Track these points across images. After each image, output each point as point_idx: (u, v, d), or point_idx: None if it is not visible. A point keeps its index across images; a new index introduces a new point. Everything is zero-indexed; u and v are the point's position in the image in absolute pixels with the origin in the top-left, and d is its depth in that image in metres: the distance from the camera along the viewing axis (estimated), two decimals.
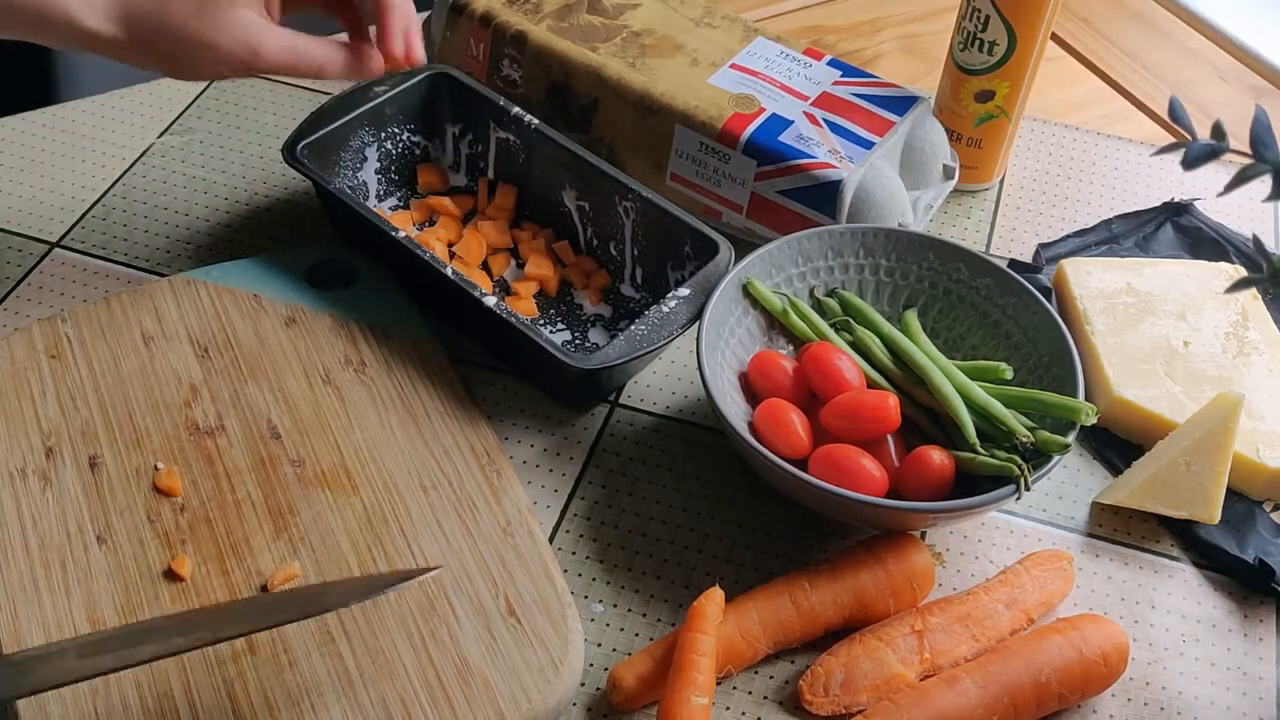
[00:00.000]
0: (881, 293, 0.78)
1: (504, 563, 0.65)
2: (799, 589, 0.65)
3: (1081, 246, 0.90)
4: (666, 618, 0.67)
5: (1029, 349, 0.74)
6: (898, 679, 0.63)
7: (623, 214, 0.81)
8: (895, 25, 1.12)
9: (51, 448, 0.69)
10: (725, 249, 0.76)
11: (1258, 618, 0.70)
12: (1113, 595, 0.70)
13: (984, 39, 0.86)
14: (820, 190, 0.81)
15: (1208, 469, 0.70)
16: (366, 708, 0.60)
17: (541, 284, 0.82)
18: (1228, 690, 0.67)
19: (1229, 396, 0.71)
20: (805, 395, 0.72)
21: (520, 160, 0.86)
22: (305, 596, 0.59)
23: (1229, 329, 0.81)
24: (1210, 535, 0.72)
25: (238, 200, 0.88)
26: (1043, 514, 0.74)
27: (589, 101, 0.88)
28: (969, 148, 0.92)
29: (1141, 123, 1.04)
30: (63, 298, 0.81)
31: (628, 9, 0.92)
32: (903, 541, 0.67)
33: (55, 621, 0.62)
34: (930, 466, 0.68)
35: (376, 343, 0.76)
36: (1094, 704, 0.65)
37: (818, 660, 0.64)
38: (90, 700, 0.59)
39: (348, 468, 0.69)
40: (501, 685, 0.61)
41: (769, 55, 0.89)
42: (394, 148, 0.87)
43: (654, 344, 0.71)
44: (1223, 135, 0.51)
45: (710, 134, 0.83)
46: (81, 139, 0.92)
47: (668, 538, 0.71)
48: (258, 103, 0.96)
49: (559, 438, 0.75)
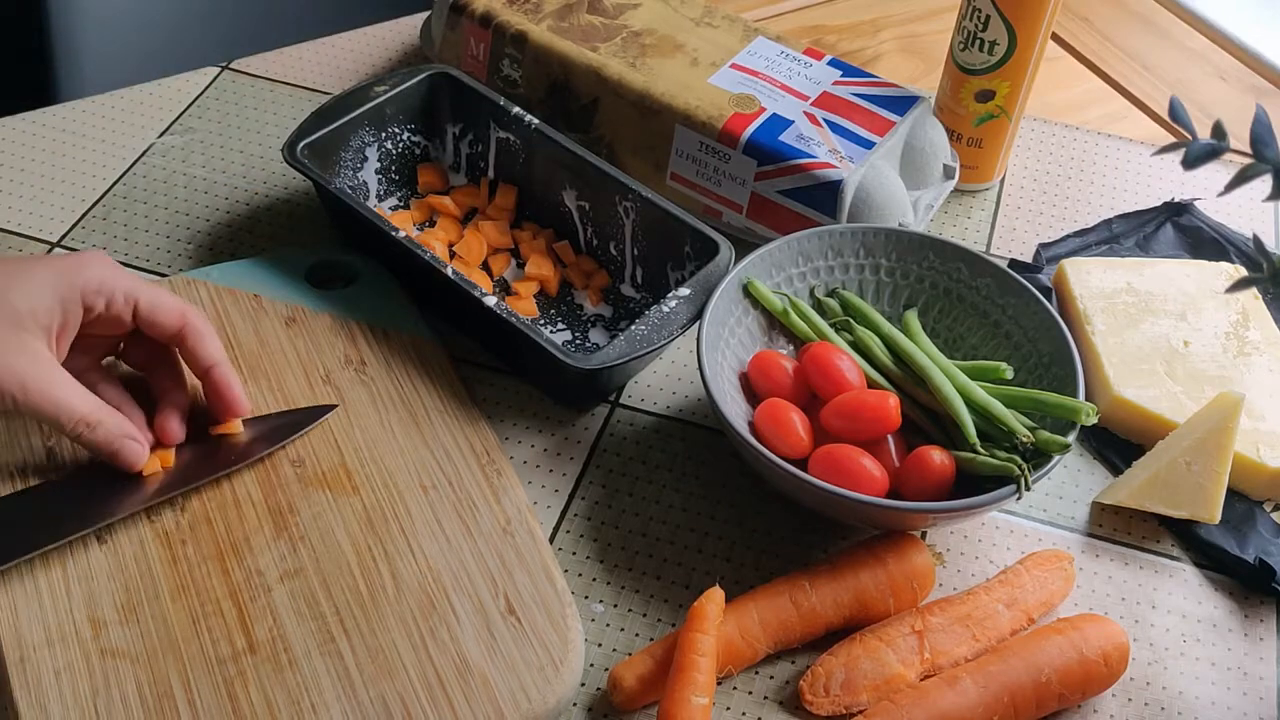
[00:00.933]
0: (882, 293, 0.78)
1: (504, 562, 0.65)
2: (799, 589, 0.65)
3: (1082, 246, 0.90)
4: (667, 618, 0.67)
5: (1029, 349, 0.73)
6: (898, 679, 0.63)
7: (623, 214, 0.81)
8: (895, 25, 1.12)
9: (52, 448, 0.69)
10: (725, 249, 0.76)
11: (1258, 618, 0.70)
12: (1113, 595, 0.70)
13: (984, 39, 0.86)
14: (820, 190, 0.81)
15: (1208, 469, 0.70)
16: (366, 707, 0.60)
17: (542, 284, 0.82)
18: (1228, 690, 0.67)
19: (1229, 396, 0.71)
20: (805, 395, 0.72)
21: (520, 160, 0.86)
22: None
23: (1229, 329, 0.81)
24: (1211, 535, 0.72)
25: (238, 200, 0.88)
26: (1043, 514, 0.74)
27: (589, 101, 0.88)
28: (969, 147, 0.92)
29: (1142, 122, 1.04)
30: None
31: (628, 9, 0.92)
32: (903, 541, 0.67)
33: (56, 621, 0.62)
34: (931, 466, 0.68)
35: (376, 343, 0.76)
36: (1094, 704, 0.65)
37: (818, 660, 0.64)
38: (91, 700, 0.59)
39: (348, 467, 0.69)
40: (501, 685, 0.61)
41: (769, 55, 0.89)
42: (394, 147, 0.87)
43: (654, 344, 0.71)
44: (1223, 135, 0.51)
45: (710, 134, 0.83)
46: (81, 139, 0.92)
47: (668, 538, 0.71)
48: (258, 103, 0.96)
49: (559, 438, 0.75)
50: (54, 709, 0.58)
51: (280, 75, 0.99)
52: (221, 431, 0.69)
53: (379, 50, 1.02)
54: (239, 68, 0.99)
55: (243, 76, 0.98)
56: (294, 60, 1.00)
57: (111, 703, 0.59)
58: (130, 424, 0.66)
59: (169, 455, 0.68)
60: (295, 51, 1.01)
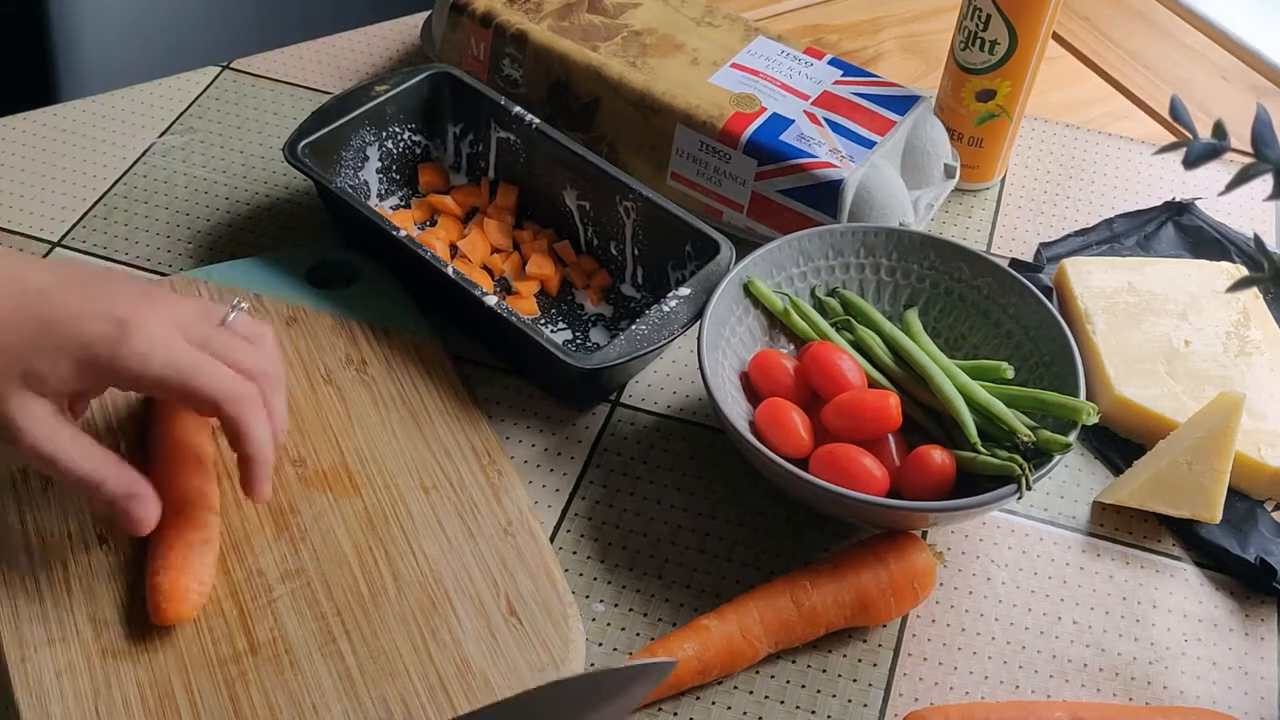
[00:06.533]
0: (883, 292, 0.78)
1: (505, 562, 0.65)
2: (800, 588, 0.65)
3: (1083, 246, 0.90)
4: (668, 617, 0.67)
5: (1030, 348, 0.73)
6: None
7: (623, 213, 0.81)
8: (896, 24, 1.12)
9: None
10: (726, 248, 0.76)
11: (1259, 617, 0.70)
12: (1114, 595, 0.70)
13: (985, 38, 0.86)
14: (821, 190, 0.81)
15: (1209, 468, 0.70)
16: (367, 707, 0.60)
17: (542, 283, 0.82)
18: (1229, 690, 0.67)
19: (1230, 396, 0.71)
20: (806, 395, 0.72)
21: (521, 160, 0.86)
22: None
23: (1230, 328, 0.81)
24: (1212, 535, 0.72)
25: (238, 200, 0.88)
26: (1044, 513, 0.74)
27: (590, 101, 0.88)
28: (970, 147, 0.92)
29: (1142, 122, 1.04)
30: None
31: (628, 8, 0.92)
32: (904, 541, 0.67)
33: (57, 620, 0.62)
34: (931, 466, 0.68)
35: (377, 342, 0.76)
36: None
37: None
38: (91, 700, 0.59)
39: (348, 467, 0.69)
40: (503, 685, 0.61)
41: (770, 54, 0.89)
42: (395, 147, 0.87)
43: (655, 343, 0.71)
44: (1224, 134, 0.51)
45: (711, 133, 0.83)
46: (81, 139, 0.92)
47: (669, 537, 0.71)
48: (259, 102, 0.96)
49: (560, 437, 0.75)
50: (55, 709, 0.58)
51: (281, 75, 0.99)
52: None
53: (379, 50, 1.02)
54: (239, 67, 0.99)
55: (243, 76, 0.98)
56: (294, 60, 1.00)
57: (113, 703, 0.59)
58: (138, 480, 0.60)
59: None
60: (295, 51, 1.01)
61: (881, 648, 0.67)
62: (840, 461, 0.68)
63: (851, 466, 0.67)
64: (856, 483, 0.66)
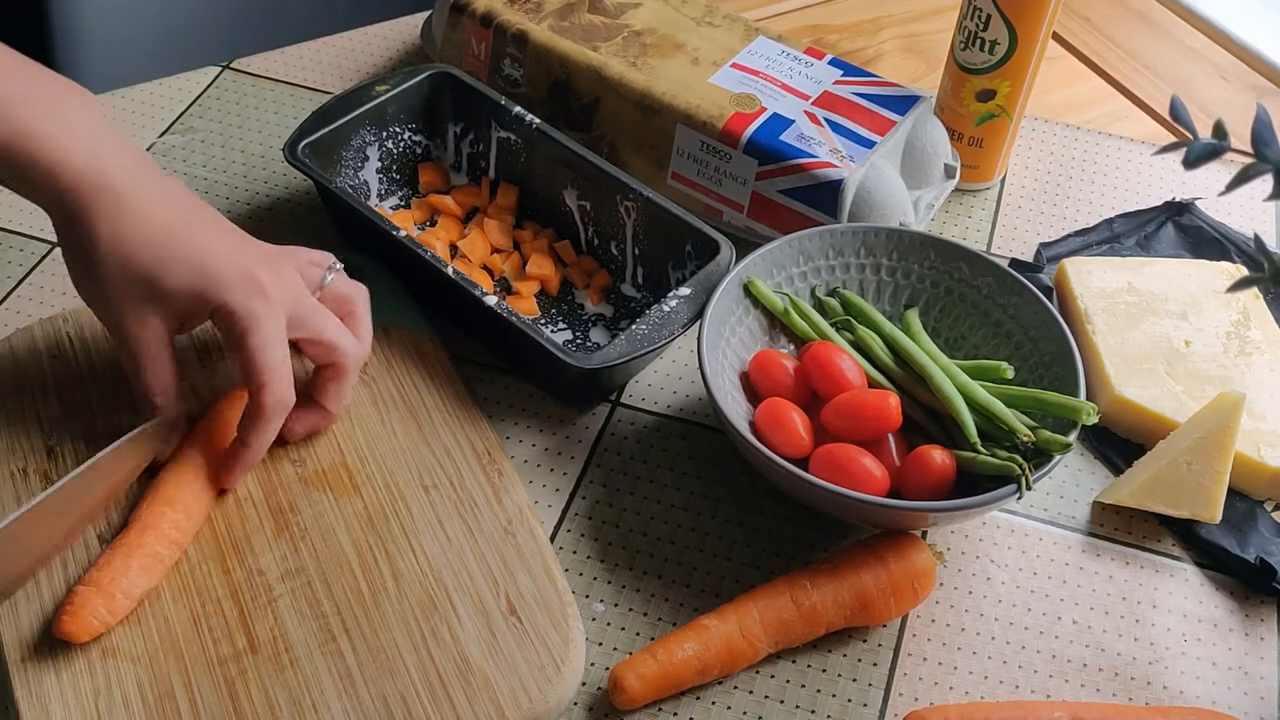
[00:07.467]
0: (883, 292, 0.78)
1: (505, 562, 0.65)
2: (800, 588, 0.65)
3: (1083, 246, 0.90)
4: (668, 617, 0.67)
5: (1030, 348, 0.73)
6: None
7: (624, 213, 0.81)
8: (896, 24, 1.12)
9: (53, 447, 0.69)
10: (726, 248, 0.76)
11: (1259, 617, 0.70)
12: (1114, 595, 0.70)
13: (985, 38, 0.86)
14: (821, 189, 0.81)
15: (1209, 468, 0.70)
16: (367, 706, 0.60)
17: (543, 283, 0.82)
18: (1229, 690, 0.67)
19: (1230, 396, 0.71)
20: (806, 394, 0.72)
21: (521, 160, 0.86)
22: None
23: (1230, 328, 0.81)
24: (1211, 535, 0.72)
25: (239, 200, 0.88)
26: (1044, 513, 0.74)
27: (590, 101, 0.88)
28: (970, 147, 0.92)
29: (1143, 122, 1.04)
30: (64, 297, 0.81)
31: (629, 8, 0.92)
32: (904, 541, 0.67)
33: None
34: (931, 466, 0.68)
35: (377, 342, 0.76)
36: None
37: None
38: (92, 700, 0.59)
39: (348, 467, 0.69)
40: (502, 684, 0.61)
41: (770, 54, 0.89)
42: (395, 147, 0.87)
43: (655, 343, 0.71)
44: (1224, 134, 0.51)
45: (711, 133, 0.83)
46: None
47: (669, 537, 0.71)
48: (259, 102, 0.96)
49: (560, 437, 0.75)
50: (55, 709, 0.59)
51: (281, 75, 0.99)
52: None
53: (380, 50, 1.02)
54: (240, 67, 0.99)
55: (244, 76, 0.98)
56: (295, 60, 1.00)
57: (113, 703, 0.59)
58: (178, 428, 0.68)
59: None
60: (296, 51, 1.01)
61: (881, 647, 0.67)
62: (840, 461, 0.68)
63: (851, 466, 0.67)
64: (856, 483, 0.66)
